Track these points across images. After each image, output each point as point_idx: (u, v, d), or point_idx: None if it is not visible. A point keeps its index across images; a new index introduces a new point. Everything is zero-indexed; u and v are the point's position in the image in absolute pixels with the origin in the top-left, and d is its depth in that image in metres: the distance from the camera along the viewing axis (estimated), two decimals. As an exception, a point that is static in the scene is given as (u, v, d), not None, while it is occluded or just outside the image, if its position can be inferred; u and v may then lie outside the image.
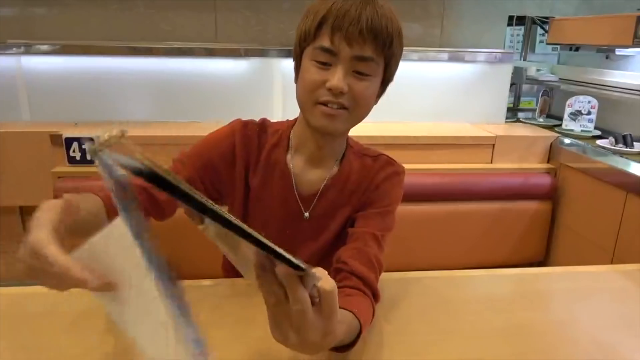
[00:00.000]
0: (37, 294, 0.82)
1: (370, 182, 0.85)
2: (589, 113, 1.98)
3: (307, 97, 0.74)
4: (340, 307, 0.63)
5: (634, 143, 1.74)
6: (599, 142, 1.83)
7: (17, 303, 0.76)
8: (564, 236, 1.85)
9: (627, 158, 1.64)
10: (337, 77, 0.71)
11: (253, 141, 0.85)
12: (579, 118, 2.00)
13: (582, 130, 1.98)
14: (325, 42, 0.71)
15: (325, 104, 0.73)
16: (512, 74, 2.11)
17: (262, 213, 0.86)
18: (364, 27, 0.69)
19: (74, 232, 0.60)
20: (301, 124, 0.83)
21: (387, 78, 0.78)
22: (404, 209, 0.87)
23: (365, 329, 0.64)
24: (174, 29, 1.92)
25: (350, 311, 0.62)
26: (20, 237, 0.49)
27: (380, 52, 0.72)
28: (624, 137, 1.74)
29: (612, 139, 1.79)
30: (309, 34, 0.73)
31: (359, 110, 0.75)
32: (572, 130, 1.99)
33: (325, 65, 0.72)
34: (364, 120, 0.81)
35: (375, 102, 0.80)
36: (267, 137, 0.86)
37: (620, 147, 1.73)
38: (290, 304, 0.44)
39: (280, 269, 0.42)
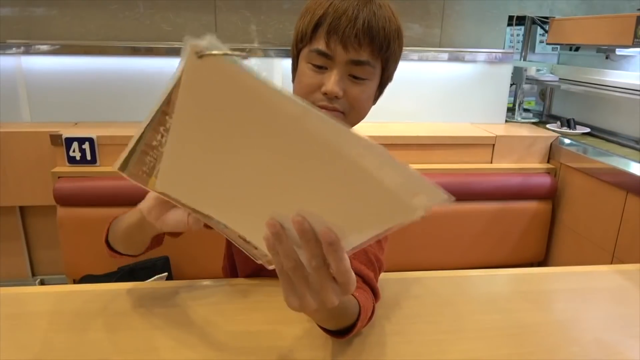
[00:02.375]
0: (37, 294, 0.82)
1: None
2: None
3: None
4: None
5: (577, 126, 2.03)
6: (548, 126, 2.08)
7: (17, 303, 0.76)
8: (564, 236, 1.85)
9: (570, 139, 1.89)
10: (332, 82, 0.70)
11: None
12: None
13: (523, 118, 2.23)
14: (321, 45, 0.70)
15: (321, 107, 0.72)
16: (512, 74, 2.11)
17: None
18: (360, 30, 0.68)
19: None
20: None
21: (385, 79, 0.77)
22: (404, 209, 0.87)
23: (364, 316, 0.64)
24: (174, 29, 1.91)
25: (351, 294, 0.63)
26: (20, 237, 0.49)
27: (376, 56, 0.71)
28: (568, 120, 2.03)
29: (558, 123, 2.06)
30: (305, 35, 0.72)
31: (355, 114, 0.75)
32: (518, 120, 2.23)
33: (320, 69, 0.72)
34: (364, 120, 0.81)
35: (373, 103, 0.80)
36: None
37: (565, 130, 2.00)
38: (308, 261, 0.44)
39: (298, 223, 0.42)
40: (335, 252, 0.43)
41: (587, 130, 2.00)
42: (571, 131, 1.99)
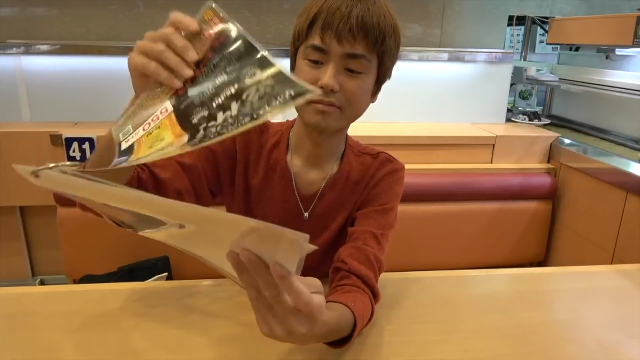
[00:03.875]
0: (37, 294, 0.82)
1: (370, 180, 0.85)
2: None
3: None
4: (335, 301, 0.63)
5: (542, 118, 2.18)
6: (514, 118, 2.19)
7: (17, 303, 0.76)
8: (564, 236, 1.85)
9: (544, 127, 1.98)
10: (327, 76, 0.70)
11: (253, 142, 0.85)
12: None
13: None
14: (316, 40, 0.71)
15: (317, 102, 0.73)
16: (512, 74, 2.11)
17: (263, 213, 0.86)
18: (354, 24, 0.69)
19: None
20: (299, 123, 0.83)
21: (381, 75, 0.77)
22: (404, 209, 0.87)
23: (361, 324, 0.64)
24: (174, 29, 1.91)
25: (345, 305, 0.62)
26: (20, 237, 0.51)
27: (372, 49, 0.72)
28: (534, 113, 2.18)
29: (525, 117, 2.18)
30: (301, 33, 0.74)
31: (351, 108, 0.75)
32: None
33: (317, 64, 0.72)
34: (364, 121, 0.81)
35: (372, 100, 0.80)
36: (268, 137, 0.86)
37: (536, 122, 2.14)
38: (263, 290, 0.44)
39: (243, 254, 0.43)
40: (290, 287, 0.43)
41: (548, 121, 2.17)
42: (538, 122, 2.13)
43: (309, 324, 0.47)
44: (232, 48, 0.52)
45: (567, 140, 1.87)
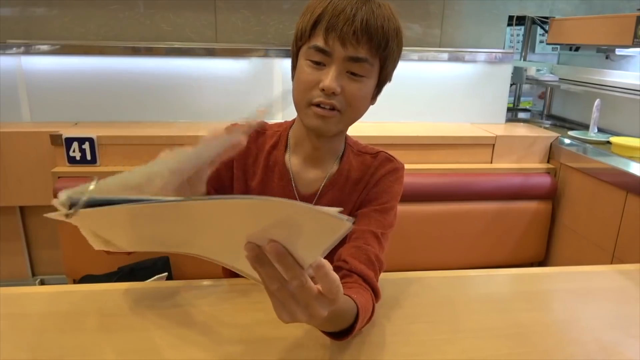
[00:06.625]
0: (37, 294, 0.82)
1: (370, 179, 0.85)
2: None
3: (301, 97, 0.74)
4: None
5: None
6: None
7: (17, 303, 0.76)
8: (564, 236, 1.85)
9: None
10: (329, 78, 0.70)
11: (250, 144, 0.85)
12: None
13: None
14: (319, 41, 0.71)
15: (318, 105, 0.73)
16: (512, 74, 2.11)
17: None
18: (358, 28, 0.69)
19: None
20: (298, 123, 0.83)
21: (383, 78, 0.78)
22: (403, 209, 0.87)
23: (363, 317, 0.64)
24: (174, 29, 1.91)
25: (348, 296, 0.63)
26: (20, 237, 0.51)
27: (375, 53, 0.72)
28: None
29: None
30: (304, 33, 0.73)
31: (351, 111, 0.75)
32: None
33: (319, 65, 0.72)
34: (364, 120, 0.81)
35: (372, 102, 0.80)
36: (266, 139, 0.86)
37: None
38: (288, 282, 0.44)
39: (272, 246, 0.43)
40: (326, 276, 0.45)
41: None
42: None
43: (330, 306, 0.48)
44: None
45: (567, 140, 1.87)
